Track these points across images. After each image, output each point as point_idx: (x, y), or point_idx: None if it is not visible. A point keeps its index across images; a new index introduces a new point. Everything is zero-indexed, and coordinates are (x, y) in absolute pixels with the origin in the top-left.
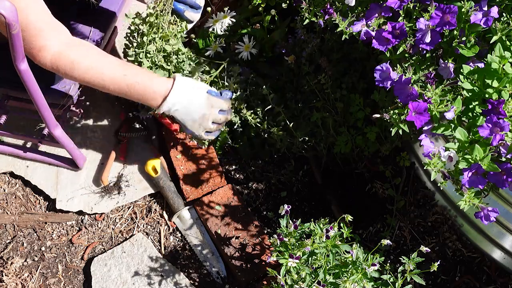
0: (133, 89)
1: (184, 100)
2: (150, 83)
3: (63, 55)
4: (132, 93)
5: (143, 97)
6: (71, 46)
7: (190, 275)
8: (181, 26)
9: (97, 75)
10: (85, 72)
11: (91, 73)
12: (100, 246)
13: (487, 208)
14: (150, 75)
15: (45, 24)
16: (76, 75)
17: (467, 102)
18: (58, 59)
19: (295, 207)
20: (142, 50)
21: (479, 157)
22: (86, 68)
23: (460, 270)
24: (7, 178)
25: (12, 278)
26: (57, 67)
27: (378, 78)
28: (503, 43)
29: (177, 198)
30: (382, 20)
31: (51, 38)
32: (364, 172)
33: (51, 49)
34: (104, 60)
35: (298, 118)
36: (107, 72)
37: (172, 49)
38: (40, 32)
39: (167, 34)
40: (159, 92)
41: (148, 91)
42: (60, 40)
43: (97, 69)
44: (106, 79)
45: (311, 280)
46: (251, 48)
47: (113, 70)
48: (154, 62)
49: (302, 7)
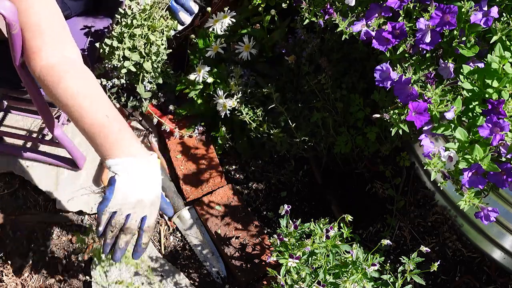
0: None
1: (134, 174)
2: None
3: (55, 69)
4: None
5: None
6: (70, 64)
7: (190, 275)
8: (172, 23)
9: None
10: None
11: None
12: (100, 246)
13: (487, 208)
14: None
15: (52, 31)
16: (56, 94)
17: (467, 102)
18: (49, 70)
19: (295, 207)
20: (129, 31)
21: (479, 157)
22: (71, 94)
23: (460, 270)
24: (7, 178)
25: (12, 278)
26: (44, 78)
27: (378, 78)
28: (503, 43)
29: (177, 198)
30: (382, 20)
31: (53, 46)
32: (364, 172)
33: (47, 56)
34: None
35: (298, 119)
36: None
37: (155, 40)
38: (43, 35)
39: (156, 25)
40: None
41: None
42: (62, 53)
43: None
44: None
45: (311, 280)
46: (251, 48)
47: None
48: (135, 46)
49: (302, 7)
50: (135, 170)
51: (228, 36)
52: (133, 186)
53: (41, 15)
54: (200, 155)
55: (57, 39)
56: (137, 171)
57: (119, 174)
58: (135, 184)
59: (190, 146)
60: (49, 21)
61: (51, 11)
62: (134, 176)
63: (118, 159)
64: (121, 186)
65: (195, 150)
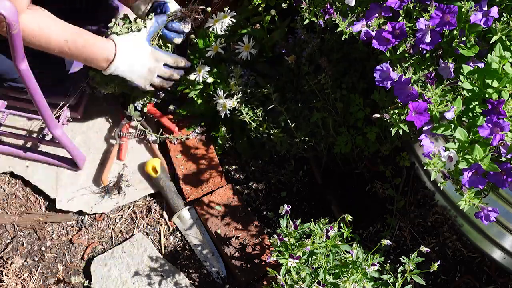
0: (77, 50)
1: (129, 60)
2: (94, 49)
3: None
4: (77, 57)
5: (89, 62)
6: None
7: (190, 275)
8: (168, 47)
9: (44, 39)
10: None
11: (37, 37)
12: (100, 246)
13: (487, 208)
14: (93, 39)
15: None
16: (25, 40)
17: (467, 102)
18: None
19: (295, 207)
20: None
21: (479, 157)
22: (33, 33)
23: (460, 270)
24: (7, 178)
25: (12, 278)
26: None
27: (378, 78)
28: (503, 43)
29: (177, 198)
30: (382, 20)
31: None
32: (364, 172)
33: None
34: (51, 24)
35: (298, 119)
36: (52, 36)
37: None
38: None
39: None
40: (103, 57)
41: (92, 57)
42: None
43: (43, 33)
44: (52, 43)
45: (311, 280)
46: (251, 48)
47: (57, 33)
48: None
49: (302, 7)
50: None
51: (228, 36)
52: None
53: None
54: (200, 155)
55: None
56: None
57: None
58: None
59: (190, 146)
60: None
61: None
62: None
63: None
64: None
65: (195, 150)
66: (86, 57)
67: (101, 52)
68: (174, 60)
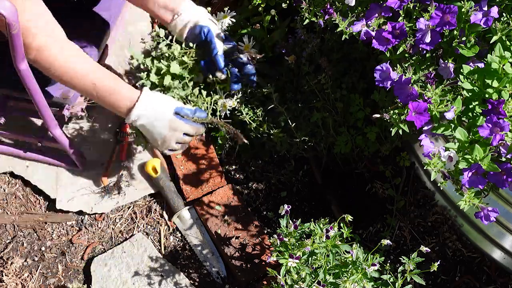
0: (101, 95)
1: (148, 117)
2: (116, 93)
3: (44, 52)
4: (100, 99)
5: (109, 105)
6: (54, 43)
7: (190, 275)
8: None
9: (69, 76)
10: (59, 72)
11: (63, 74)
12: (100, 246)
13: (487, 208)
14: (119, 83)
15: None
16: (51, 73)
17: (467, 102)
18: (39, 55)
19: (295, 207)
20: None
21: (479, 157)
22: (59, 69)
23: (460, 270)
24: (7, 178)
25: (12, 278)
26: (38, 63)
27: (378, 78)
28: (503, 43)
29: (177, 198)
30: (382, 20)
31: (38, 36)
32: (364, 172)
33: (35, 46)
34: (78, 63)
35: (298, 119)
36: (78, 75)
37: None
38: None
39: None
40: (124, 102)
41: (113, 100)
42: (46, 38)
43: (69, 71)
44: (76, 82)
45: (311, 280)
46: (251, 48)
47: (83, 74)
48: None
49: (302, 7)
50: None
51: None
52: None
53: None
54: (200, 155)
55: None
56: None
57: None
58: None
59: (190, 146)
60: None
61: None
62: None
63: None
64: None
65: (195, 150)
66: (110, 105)
67: (124, 103)
68: (196, 131)
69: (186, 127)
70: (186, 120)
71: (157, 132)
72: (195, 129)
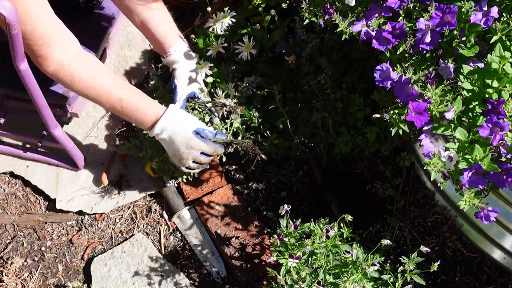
0: (127, 110)
1: (170, 131)
2: (143, 108)
3: (65, 67)
4: (125, 114)
5: (135, 119)
6: (75, 58)
7: (190, 275)
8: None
9: (94, 92)
10: (83, 87)
11: (88, 89)
12: (100, 246)
13: (487, 208)
14: (145, 99)
15: (53, 34)
16: (75, 89)
17: (467, 102)
18: (60, 70)
19: (295, 207)
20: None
21: (479, 157)
22: (84, 84)
23: (460, 270)
24: (7, 178)
25: (12, 278)
26: (58, 77)
27: (378, 78)
28: (503, 43)
29: (177, 198)
30: (382, 20)
31: (57, 48)
32: (364, 172)
33: (55, 59)
34: (103, 78)
35: (297, 119)
36: (104, 90)
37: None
38: (47, 41)
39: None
40: (150, 117)
41: (140, 114)
42: (65, 51)
43: (95, 87)
44: (102, 98)
45: (311, 280)
46: (251, 48)
47: (110, 90)
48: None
49: (302, 7)
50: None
51: (228, 36)
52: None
53: (42, 20)
54: None
55: (59, 39)
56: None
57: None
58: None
59: None
60: (49, 23)
61: (45, 11)
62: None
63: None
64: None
65: None
66: (136, 119)
67: (150, 118)
68: (213, 151)
69: (203, 146)
70: (205, 140)
71: (175, 148)
72: (212, 149)
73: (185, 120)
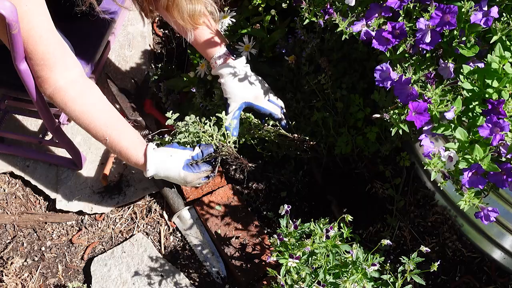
0: (113, 151)
1: (162, 174)
2: (128, 153)
3: (61, 92)
4: (113, 152)
5: (124, 159)
6: (73, 85)
7: (190, 275)
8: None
9: (84, 125)
10: (74, 117)
11: (78, 120)
12: (100, 246)
13: (487, 208)
14: (132, 142)
15: (54, 56)
16: (67, 114)
17: (467, 102)
18: (56, 94)
19: (295, 207)
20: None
21: (479, 157)
22: (76, 114)
23: (460, 270)
24: (7, 178)
25: (12, 278)
26: (53, 100)
27: (378, 78)
28: (503, 43)
29: (177, 198)
30: (382, 20)
31: (57, 72)
32: (364, 172)
33: (53, 83)
34: (95, 114)
35: (298, 119)
36: (94, 126)
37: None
38: (47, 63)
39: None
40: (137, 162)
41: (127, 157)
42: (65, 76)
43: (85, 121)
44: (91, 132)
45: (311, 280)
46: (251, 48)
47: (99, 128)
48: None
49: (302, 7)
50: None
51: (228, 36)
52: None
53: (46, 42)
54: None
55: (60, 63)
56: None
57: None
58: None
59: None
60: (52, 46)
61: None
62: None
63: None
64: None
65: None
66: (124, 160)
67: (134, 162)
68: (208, 174)
69: (200, 175)
70: (198, 168)
71: (177, 183)
72: (209, 171)
73: (171, 162)
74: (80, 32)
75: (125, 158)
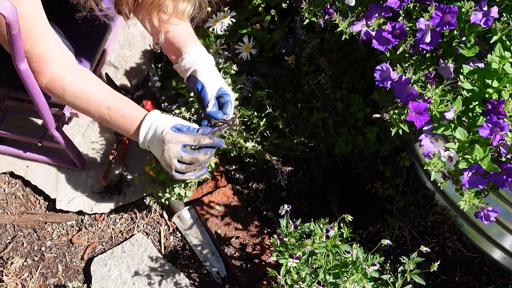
0: (115, 119)
1: (149, 136)
2: (130, 116)
3: (58, 79)
4: (114, 123)
5: (123, 128)
6: (69, 70)
7: (190, 275)
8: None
9: (85, 103)
10: (74, 98)
11: (78, 100)
12: (100, 246)
13: (487, 208)
14: (133, 107)
15: (49, 50)
16: (66, 100)
17: (467, 102)
18: (53, 83)
19: (295, 207)
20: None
21: (479, 157)
22: (75, 95)
23: (460, 270)
24: (7, 178)
25: (12, 278)
26: (51, 90)
27: (378, 78)
28: (503, 43)
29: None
30: (382, 20)
31: (53, 64)
32: (364, 172)
33: (49, 73)
34: (93, 88)
35: (297, 120)
36: (94, 100)
37: None
38: (43, 59)
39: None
40: (133, 127)
41: (126, 122)
42: (60, 65)
43: (85, 97)
44: (92, 107)
45: (311, 280)
46: (251, 48)
47: (100, 99)
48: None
49: (302, 7)
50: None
51: (228, 36)
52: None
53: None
54: None
55: (56, 56)
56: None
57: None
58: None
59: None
60: (47, 43)
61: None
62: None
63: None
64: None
65: None
66: (123, 128)
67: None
68: (194, 139)
69: (181, 137)
70: (184, 132)
71: (157, 148)
72: (193, 137)
73: (165, 119)
74: (79, 33)
75: (128, 122)
